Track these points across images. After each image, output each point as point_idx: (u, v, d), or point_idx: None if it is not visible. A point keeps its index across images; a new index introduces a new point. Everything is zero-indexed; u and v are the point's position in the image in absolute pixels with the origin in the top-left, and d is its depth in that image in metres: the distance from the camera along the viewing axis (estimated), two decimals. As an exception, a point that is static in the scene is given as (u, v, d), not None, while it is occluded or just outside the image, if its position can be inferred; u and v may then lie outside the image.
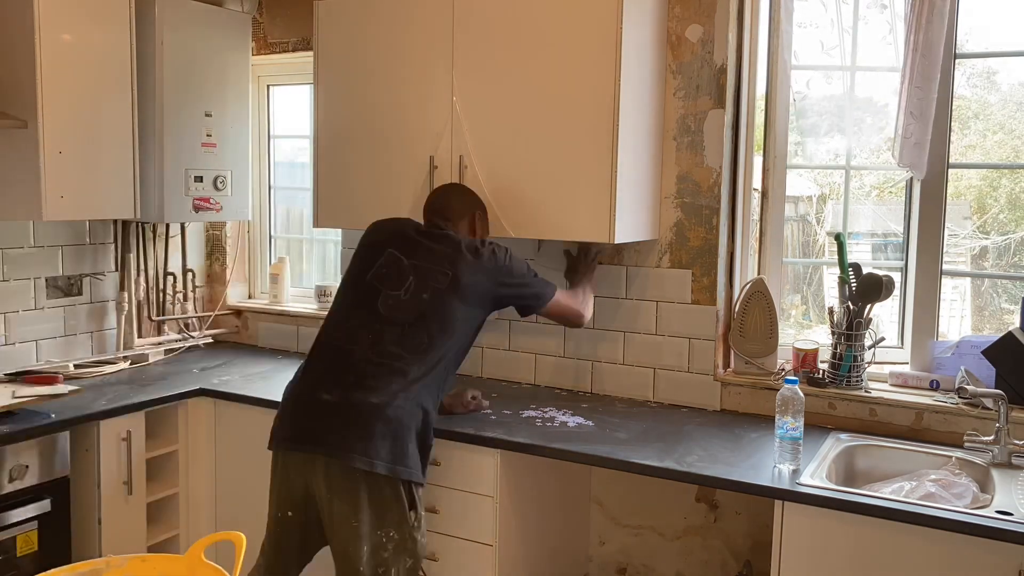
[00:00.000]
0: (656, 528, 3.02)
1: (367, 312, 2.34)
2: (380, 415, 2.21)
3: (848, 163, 2.89)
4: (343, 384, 2.26)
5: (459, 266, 2.38)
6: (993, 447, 2.35)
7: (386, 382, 2.24)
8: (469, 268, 2.39)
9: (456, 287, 2.35)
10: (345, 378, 2.26)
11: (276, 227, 3.96)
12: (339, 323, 2.40)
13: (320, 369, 2.34)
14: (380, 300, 2.34)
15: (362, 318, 2.34)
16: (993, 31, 2.72)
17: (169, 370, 3.32)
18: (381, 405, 2.22)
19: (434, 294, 2.34)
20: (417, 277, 2.36)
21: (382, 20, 2.93)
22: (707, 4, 2.78)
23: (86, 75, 2.90)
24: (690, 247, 2.88)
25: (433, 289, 2.34)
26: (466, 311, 2.39)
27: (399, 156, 2.92)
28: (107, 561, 1.87)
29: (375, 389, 2.23)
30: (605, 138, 2.56)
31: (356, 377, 2.25)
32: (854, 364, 2.69)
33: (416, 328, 2.31)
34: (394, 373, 2.26)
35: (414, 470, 2.25)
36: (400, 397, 2.24)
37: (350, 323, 2.36)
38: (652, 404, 2.94)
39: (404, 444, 2.23)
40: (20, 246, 3.13)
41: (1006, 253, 2.96)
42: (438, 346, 2.32)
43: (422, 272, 2.37)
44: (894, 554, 2.03)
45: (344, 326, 2.37)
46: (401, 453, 2.22)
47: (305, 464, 2.25)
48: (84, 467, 2.75)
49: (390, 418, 2.21)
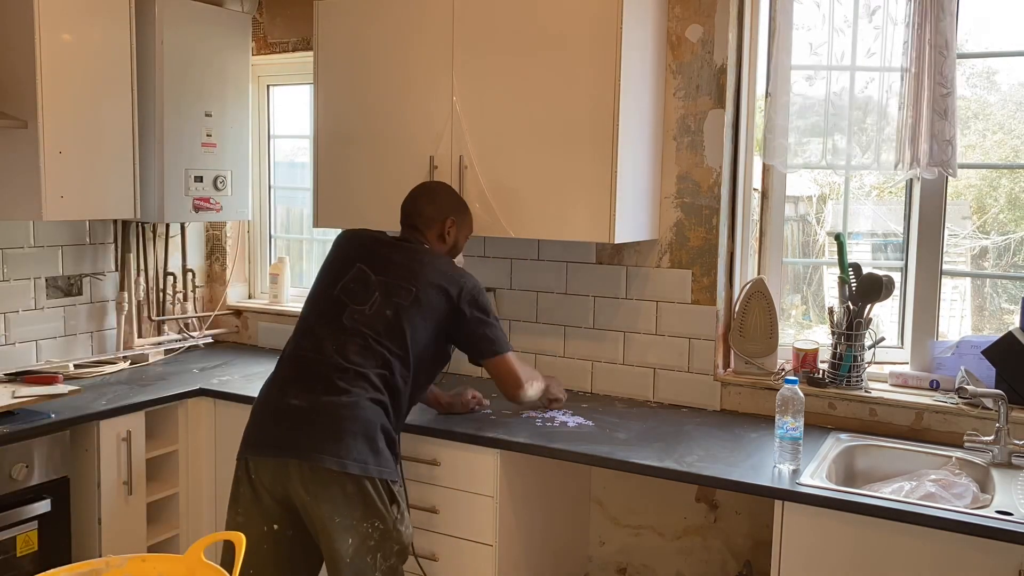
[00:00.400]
0: (656, 528, 3.02)
1: (333, 325, 2.35)
2: (348, 415, 2.22)
3: (848, 163, 2.89)
4: (311, 390, 2.26)
5: (421, 282, 2.38)
6: (993, 447, 2.35)
7: (352, 385, 2.26)
8: (433, 286, 2.39)
9: (418, 304, 2.37)
10: (314, 384, 2.27)
11: (276, 227, 3.96)
12: (305, 333, 2.40)
13: (288, 377, 2.34)
14: (346, 314, 2.36)
15: (328, 330, 2.36)
16: (993, 31, 2.72)
17: (169, 370, 3.32)
18: (350, 405, 2.23)
19: (397, 310, 2.35)
20: (382, 293, 2.37)
21: (382, 20, 2.93)
22: (707, 4, 2.78)
23: (86, 75, 2.90)
24: (690, 247, 2.88)
25: (396, 305, 2.35)
26: (427, 328, 2.39)
27: (399, 156, 2.92)
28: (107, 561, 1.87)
29: (343, 391, 2.24)
30: (605, 138, 2.56)
31: (324, 383, 2.26)
32: (854, 364, 2.69)
33: (378, 342, 2.32)
34: (359, 377, 2.27)
35: (386, 468, 2.24)
36: (366, 400, 2.25)
37: (316, 334, 2.37)
38: (652, 404, 2.94)
39: (375, 443, 2.23)
40: (20, 246, 3.13)
41: (1006, 253, 2.96)
42: (399, 359, 2.33)
43: (387, 288, 2.37)
44: (894, 554, 2.03)
45: (311, 336, 2.38)
46: (373, 451, 2.22)
47: (278, 471, 2.23)
48: (84, 467, 2.75)
49: (358, 418, 2.22)
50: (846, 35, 2.67)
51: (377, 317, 2.34)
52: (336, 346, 2.31)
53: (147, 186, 3.20)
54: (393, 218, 2.97)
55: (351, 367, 2.27)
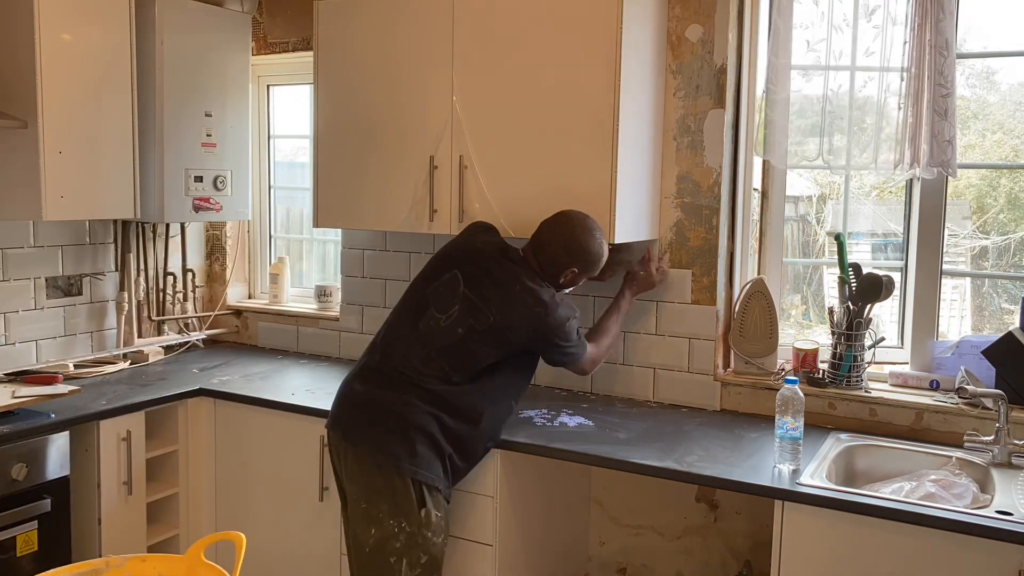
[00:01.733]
0: (656, 528, 3.02)
1: (409, 326, 2.42)
2: (392, 413, 2.32)
3: (848, 163, 2.89)
4: (374, 382, 2.40)
5: (503, 314, 2.35)
6: (993, 447, 2.35)
7: (406, 389, 2.34)
8: (511, 326, 2.36)
9: (492, 332, 2.35)
10: (379, 379, 2.40)
11: (276, 227, 3.96)
12: (389, 326, 2.50)
13: (363, 364, 2.48)
14: (424, 319, 2.40)
15: (405, 329, 2.43)
16: (992, 31, 2.72)
17: (169, 370, 3.32)
18: (397, 403, 2.33)
19: (469, 331, 2.35)
20: (462, 309, 2.37)
21: (382, 20, 2.92)
22: (707, 4, 2.78)
23: (86, 75, 2.90)
24: (690, 247, 2.88)
25: (469, 327, 2.35)
26: (494, 355, 2.39)
27: (399, 156, 2.92)
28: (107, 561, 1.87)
29: (400, 392, 2.34)
30: (605, 138, 2.56)
31: (386, 381, 2.38)
32: (854, 364, 2.69)
33: (442, 356, 2.35)
34: (413, 385, 2.35)
35: (422, 470, 2.28)
36: (418, 405, 2.32)
37: (395, 332, 2.46)
38: (652, 404, 2.94)
39: (414, 444, 2.28)
40: (20, 246, 3.13)
41: (1006, 253, 2.96)
42: (460, 375, 2.36)
43: (469, 305, 2.37)
44: (894, 554, 2.03)
45: (391, 331, 2.47)
46: (409, 452, 2.28)
47: (337, 444, 2.41)
48: (84, 467, 2.75)
49: (400, 414, 2.31)
50: (845, 34, 2.67)
51: (448, 332, 2.36)
52: (405, 350, 2.39)
53: (147, 186, 3.20)
54: (394, 218, 2.98)
55: (412, 374, 2.35)
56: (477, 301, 2.37)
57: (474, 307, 2.36)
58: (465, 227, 2.68)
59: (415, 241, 3.36)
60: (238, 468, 3.02)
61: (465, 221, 2.79)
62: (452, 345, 2.35)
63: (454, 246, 2.57)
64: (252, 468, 2.99)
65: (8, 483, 2.52)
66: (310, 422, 2.81)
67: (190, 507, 3.08)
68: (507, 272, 2.42)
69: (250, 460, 3.00)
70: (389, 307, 3.44)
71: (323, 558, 2.85)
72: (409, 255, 3.40)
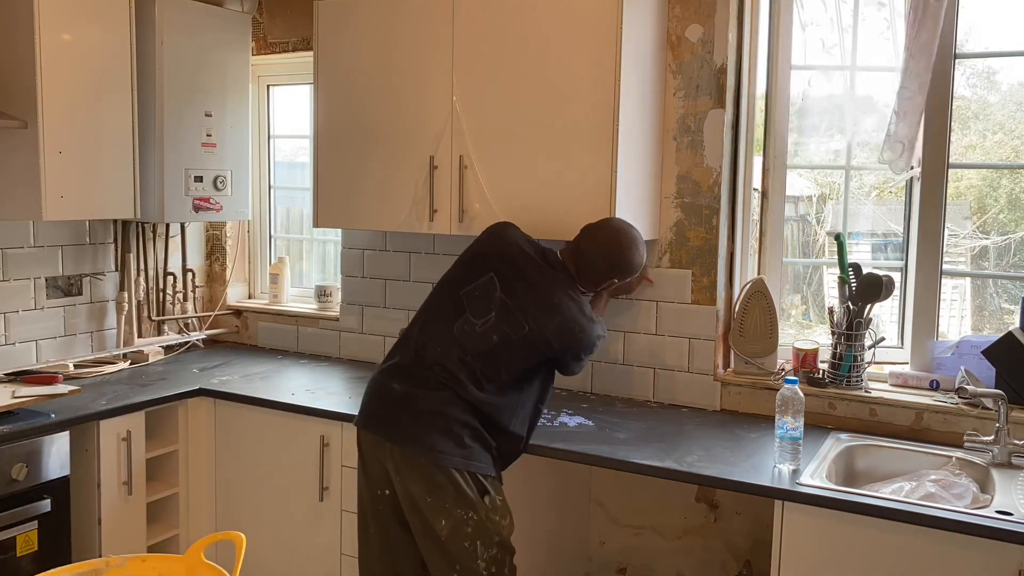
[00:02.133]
0: (656, 528, 3.02)
1: (444, 328, 2.40)
2: (437, 413, 2.31)
3: (848, 163, 2.89)
4: (410, 380, 2.37)
5: (538, 325, 2.35)
6: (993, 447, 2.35)
7: (444, 390, 2.34)
8: (545, 339, 2.36)
9: (526, 342, 2.35)
10: (415, 379, 2.38)
11: (276, 227, 3.96)
12: (423, 325, 2.46)
13: (395, 364, 2.44)
14: (459, 322, 2.38)
15: (439, 330, 2.41)
16: (993, 31, 2.71)
17: (169, 370, 3.32)
18: (439, 402, 2.32)
19: (504, 339, 2.35)
20: (498, 316, 2.36)
21: (382, 20, 2.93)
22: (707, 4, 2.78)
23: (86, 75, 2.90)
24: (690, 247, 2.88)
25: (504, 334, 2.35)
26: (526, 362, 2.38)
27: (399, 156, 2.92)
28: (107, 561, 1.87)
29: (435, 390, 2.34)
30: (605, 138, 2.56)
31: (420, 379, 2.37)
32: (854, 364, 2.69)
33: (474, 363, 2.35)
34: (448, 384, 2.34)
35: (475, 461, 2.30)
36: (456, 401, 2.32)
37: (428, 333, 2.43)
38: (652, 404, 2.94)
39: (461, 438, 2.30)
40: (20, 246, 3.13)
41: (1006, 253, 2.96)
42: (492, 382, 2.36)
43: (505, 312, 2.36)
44: (894, 554, 2.03)
45: (425, 331, 2.44)
46: (459, 445, 2.29)
47: (378, 445, 2.37)
48: (84, 467, 2.75)
49: (444, 414, 2.31)
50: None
51: (483, 338, 2.35)
52: (440, 352, 2.37)
53: (147, 186, 3.20)
54: (394, 218, 2.98)
55: (446, 376, 2.34)
56: (514, 309, 2.36)
57: (510, 315, 2.35)
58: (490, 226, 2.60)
59: (415, 241, 3.36)
60: (238, 468, 3.02)
61: (465, 221, 2.79)
62: (487, 352, 2.34)
63: (487, 245, 2.52)
64: (252, 468, 2.99)
65: (8, 483, 2.52)
66: (310, 422, 2.81)
67: (190, 507, 3.08)
68: (546, 279, 2.42)
69: (250, 460, 3.00)
70: (389, 307, 3.47)
71: (323, 558, 2.85)
72: (409, 255, 3.40)
